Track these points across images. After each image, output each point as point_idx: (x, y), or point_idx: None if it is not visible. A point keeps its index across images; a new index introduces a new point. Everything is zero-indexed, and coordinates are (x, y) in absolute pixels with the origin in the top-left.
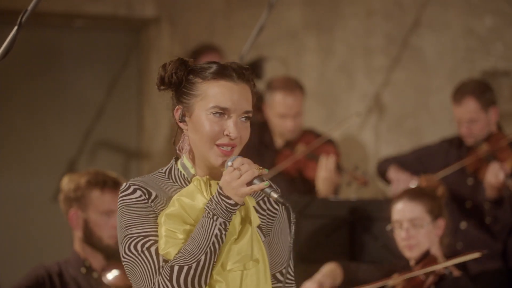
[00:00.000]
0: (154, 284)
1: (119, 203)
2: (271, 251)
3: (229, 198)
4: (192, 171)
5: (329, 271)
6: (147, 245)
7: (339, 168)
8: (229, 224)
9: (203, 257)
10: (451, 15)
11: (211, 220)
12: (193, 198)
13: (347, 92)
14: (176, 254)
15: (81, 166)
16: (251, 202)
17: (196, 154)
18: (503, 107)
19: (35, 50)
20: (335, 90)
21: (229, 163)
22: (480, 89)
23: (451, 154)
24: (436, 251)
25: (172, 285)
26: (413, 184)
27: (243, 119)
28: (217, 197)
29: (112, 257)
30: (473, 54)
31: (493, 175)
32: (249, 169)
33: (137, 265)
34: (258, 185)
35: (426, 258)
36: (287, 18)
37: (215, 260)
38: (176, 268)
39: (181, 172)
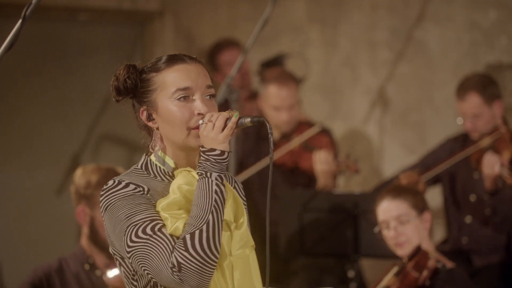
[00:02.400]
0: (172, 262)
1: (110, 199)
2: None
3: (214, 150)
4: (171, 164)
5: None
6: (157, 227)
7: (335, 158)
8: (224, 176)
9: (210, 216)
10: (455, 9)
11: (206, 179)
12: (193, 184)
13: (351, 86)
14: (184, 226)
15: (85, 160)
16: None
17: (172, 146)
18: (508, 101)
19: (39, 44)
20: (339, 84)
21: (200, 122)
22: (483, 84)
23: (455, 149)
24: (427, 245)
25: (189, 253)
26: (394, 182)
27: (208, 97)
28: (203, 156)
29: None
30: (478, 47)
31: (489, 165)
32: (219, 115)
33: (150, 248)
34: (231, 122)
35: (418, 253)
36: (292, 12)
37: (223, 217)
38: (188, 236)
39: (159, 167)
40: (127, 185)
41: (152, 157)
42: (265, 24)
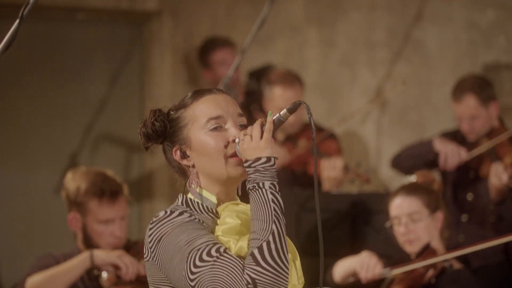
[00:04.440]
0: (246, 280)
1: (164, 228)
2: None
3: (259, 159)
4: (213, 200)
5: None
6: (221, 249)
7: (344, 166)
8: (277, 184)
9: (273, 226)
10: (454, 9)
11: (260, 190)
12: (246, 213)
13: (349, 85)
14: (248, 243)
15: (83, 159)
16: None
17: (211, 181)
18: (505, 101)
19: (37, 44)
20: (337, 84)
21: (237, 141)
22: (479, 85)
23: None
24: (436, 244)
25: (262, 267)
26: (413, 178)
27: (240, 125)
28: (249, 170)
29: None
30: (476, 47)
31: (496, 177)
32: (252, 126)
33: (220, 270)
34: (268, 123)
35: (426, 251)
36: (290, 11)
37: (284, 225)
38: (256, 251)
39: (201, 204)
40: (181, 213)
41: (190, 195)
42: (263, 24)
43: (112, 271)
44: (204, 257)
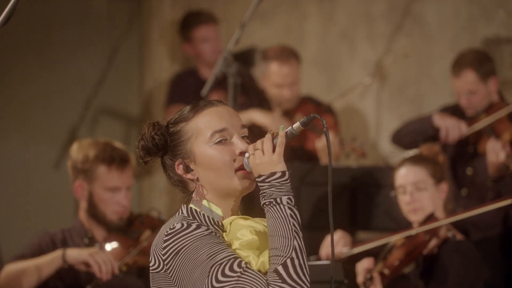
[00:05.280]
0: None
1: (182, 241)
2: None
3: (274, 174)
4: (220, 213)
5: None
6: (243, 264)
7: (339, 140)
8: (292, 197)
9: (295, 242)
10: None
11: (277, 206)
12: (256, 227)
13: (348, 59)
14: (269, 260)
15: (82, 134)
16: None
17: (216, 195)
18: (505, 75)
19: (36, 18)
20: (336, 58)
21: (246, 155)
22: (479, 60)
23: None
24: (440, 215)
25: (288, 284)
26: (415, 151)
27: (244, 136)
28: (264, 185)
29: (113, 231)
30: (475, 21)
31: (494, 154)
32: (262, 140)
33: (244, 285)
34: (280, 137)
35: (429, 221)
36: None
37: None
38: (280, 268)
39: (207, 216)
40: (198, 226)
41: (193, 206)
42: None
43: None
44: (227, 272)
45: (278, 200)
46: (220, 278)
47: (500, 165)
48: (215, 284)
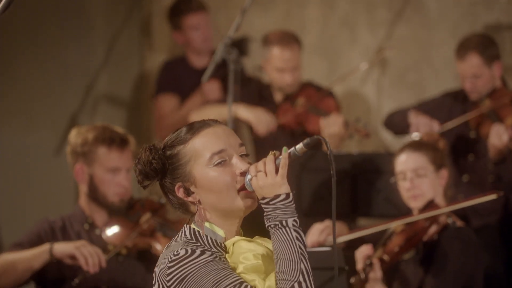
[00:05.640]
0: None
1: (187, 268)
2: None
3: (278, 196)
4: (221, 234)
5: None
6: None
7: (344, 121)
8: (297, 218)
9: (302, 265)
10: None
11: (283, 229)
12: (260, 249)
13: (349, 46)
14: (276, 284)
15: (82, 120)
16: None
17: (219, 216)
18: (506, 61)
19: (36, 5)
20: (337, 44)
21: (248, 177)
22: (484, 44)
23: (455, 107)
24: (440, 201)
25: None
26: (416, 136)
27: (242, 155)
28: (268, 207)
29: (115, 214)
30: (476, 7)
31: (497, 137)
32: (264, 161)
33: None
34: (283, 158)
35: (429, 207)
36: None
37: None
38: None
39: (210, 238)
40: (203, 252)
41: (195, 227)
42: None
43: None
44: None
45: (284, 222)
46: None
47: (503, 149)
48: None
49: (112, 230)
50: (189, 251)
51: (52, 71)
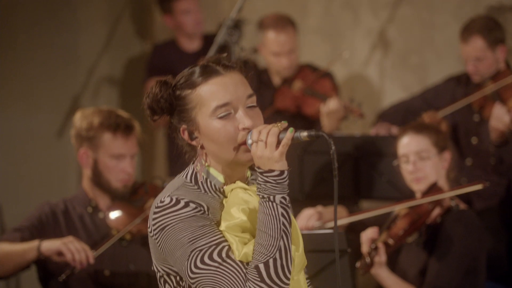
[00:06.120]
0: None
1: (168, 219)
2: None
3: (272, 171)
4: (220, 179)
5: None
6: (224, 253)
7: (343, 104)
8: (288, 196)
9: (281, 243)
10: None
11: (270, 203)
12: (250, 203)
13: (351, 28)
14: (253, 253)
15: (85, 103)
16: None
17: (220, 163)
18: (509, 43)
19: None
20: (339, 26)
21: (249, 141)
22: (488, 27)
23: (458, 91)
24: (443, 184)
25: (266, 283)
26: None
27: (250, 106)
28: (261, 178)
29: (118, 199)
30: None
31: (498, 118)
32: (268, 131)
33: (221, 276)
34: (286, 138)
35: (433, 190)
36: None
37: (291, 239)
38: (261, 266)
39: (209, 181)
40: (186, 204)
41: (197, 167)
42: None
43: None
44: (206, 260)
45: (272, 198)
46: (199, 265)
47: (504, 130)
48: (193, 270)
49: (115, 215)
50: (174, 200)
51: (55, 53)
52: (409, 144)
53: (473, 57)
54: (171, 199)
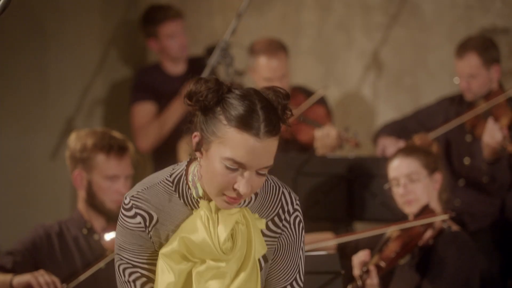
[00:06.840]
0: None
1: (119, 219)
2: (276, 268)
3: None
4: (200, 192)
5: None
6: (133, 277)
7: (337, 133)
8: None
9: None
10: None
11: None
12: (196, 234)
13: (345, 49)
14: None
15: (79, 124)
16: (261, 225)
17: (203, 183)
18: (502, 65)
19: (33, 8)
20: (333, 48)
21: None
22: (484, 46)
23: (451, 111)
24: (435, 205)
25: None
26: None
27: (259, 173)
28: None
29: (113, 220)
30: (472, 11)
31: (490, 135)
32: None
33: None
34: None
35: (425, 212)
36: None
37: None
38: None
39: (188, 188)
40: (135, 215)
41: (190, 168)
42: None
43: None
44: (120, 270)
45: None
46: (116, 267)
47: (497, 147)
48: (116, 270)
49: (110, 236)
50: (129, 205)
51: (49, 74)
52: (399, 167)
53: (467, 73)
54: (128, 202)
